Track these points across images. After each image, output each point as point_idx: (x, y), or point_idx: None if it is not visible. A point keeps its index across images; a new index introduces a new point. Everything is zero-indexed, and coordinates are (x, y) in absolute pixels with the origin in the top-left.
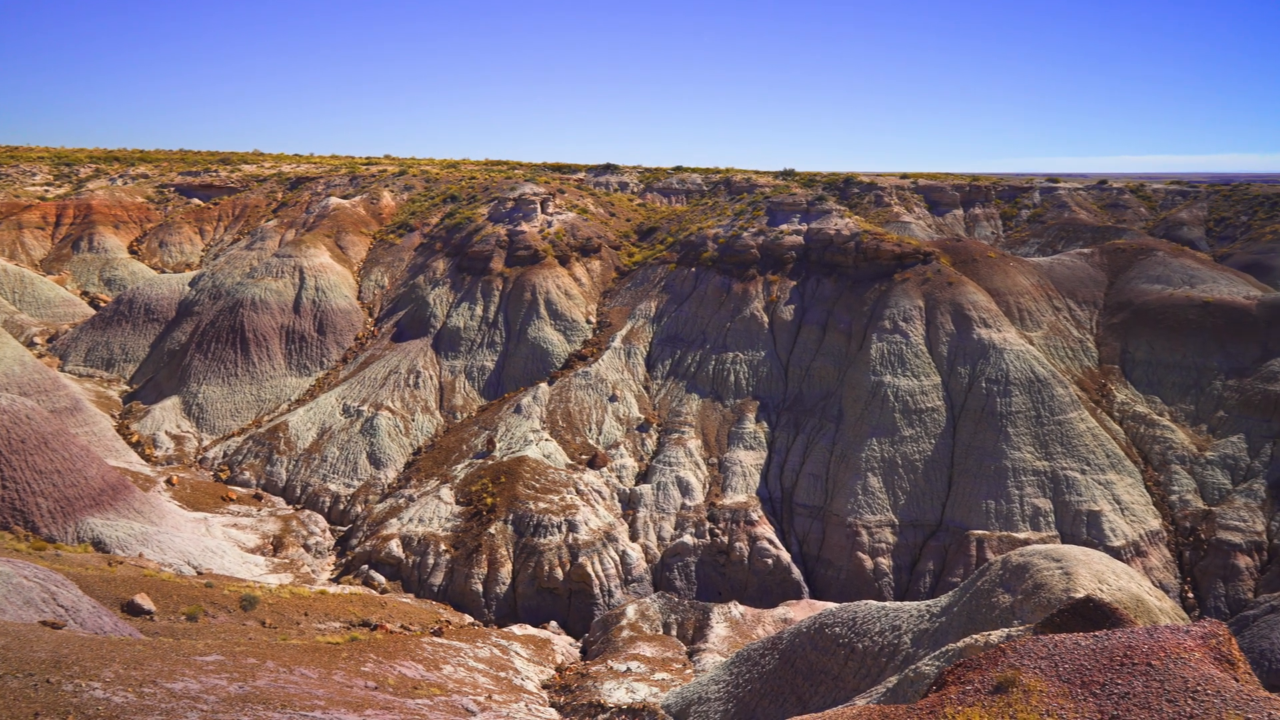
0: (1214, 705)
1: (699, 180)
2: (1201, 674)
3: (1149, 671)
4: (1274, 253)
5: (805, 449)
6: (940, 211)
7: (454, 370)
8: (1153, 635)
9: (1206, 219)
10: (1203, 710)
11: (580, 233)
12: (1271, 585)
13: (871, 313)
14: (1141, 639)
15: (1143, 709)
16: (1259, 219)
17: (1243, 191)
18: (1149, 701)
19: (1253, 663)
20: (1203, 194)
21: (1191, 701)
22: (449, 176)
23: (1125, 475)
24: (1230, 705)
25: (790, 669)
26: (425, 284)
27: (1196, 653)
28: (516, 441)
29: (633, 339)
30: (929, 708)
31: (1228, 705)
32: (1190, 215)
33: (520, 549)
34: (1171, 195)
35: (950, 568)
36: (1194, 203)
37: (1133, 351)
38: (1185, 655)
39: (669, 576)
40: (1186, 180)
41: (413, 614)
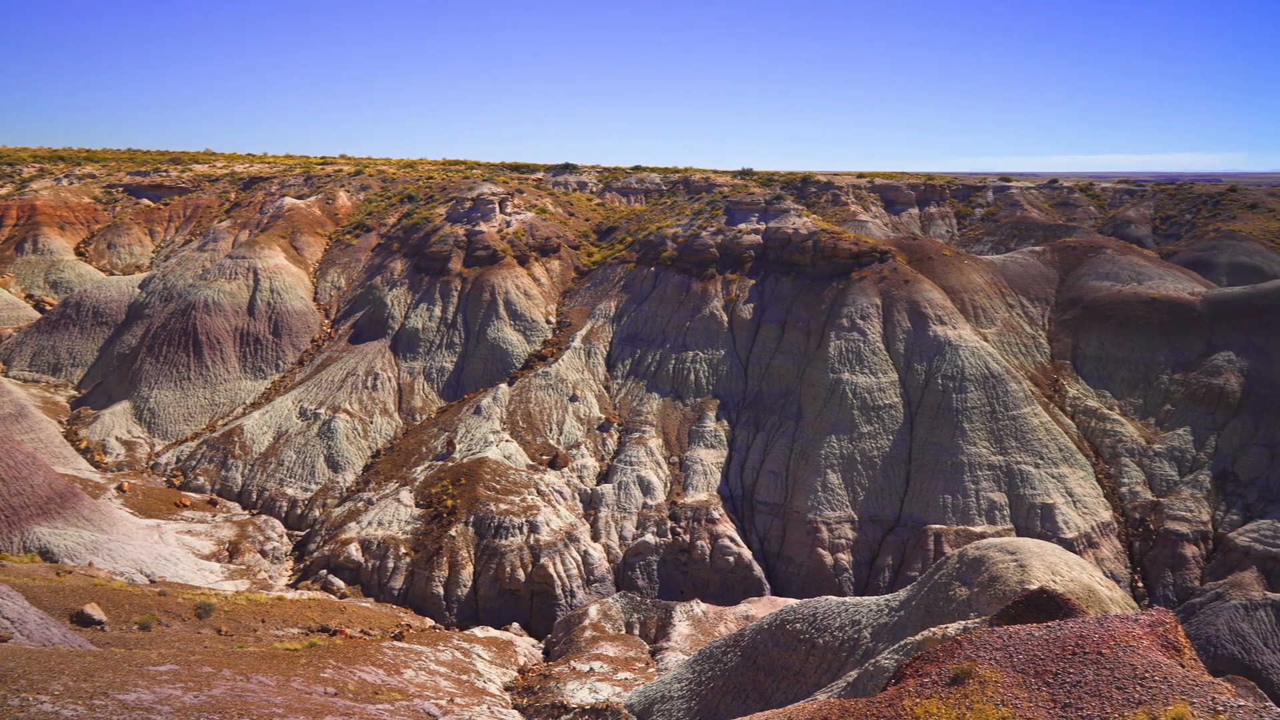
0: (1161, 691)
1: (658, 180)
2: (1149, 661)
3: (1100, 660)
4: (1217, 250)
5: (765, 447)
6: (896, 210)
7: (413, 372)
8: (1103, 624)
9: (1153, 217)
10: (1150, 696)
11: (539, 232)
12: (1216, 573)
13: (829, 311)
14: (1092, 628)
15: (1094, 697)
16: (1202, 217)
17: (1187, 190)
18: (1100, 689)
19: (1199, 648)
20: (1149, 193)
21: (1140, 688)
22: (406, 176)
23: (1077, 468)
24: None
25: (752, 665)
26: (383, 285)
27: (1145, 641)
28: (477, 443)
29: (593, 339)
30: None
31: (1174, 691)
32: (1137, 214)
33: (481, 551)
34: (1119, 194)
35: (909, 562)
36: (1141, 201)
37: (1083, 347)
38: (1134, 643)
39: (631, 576)
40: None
41: (373, 618)
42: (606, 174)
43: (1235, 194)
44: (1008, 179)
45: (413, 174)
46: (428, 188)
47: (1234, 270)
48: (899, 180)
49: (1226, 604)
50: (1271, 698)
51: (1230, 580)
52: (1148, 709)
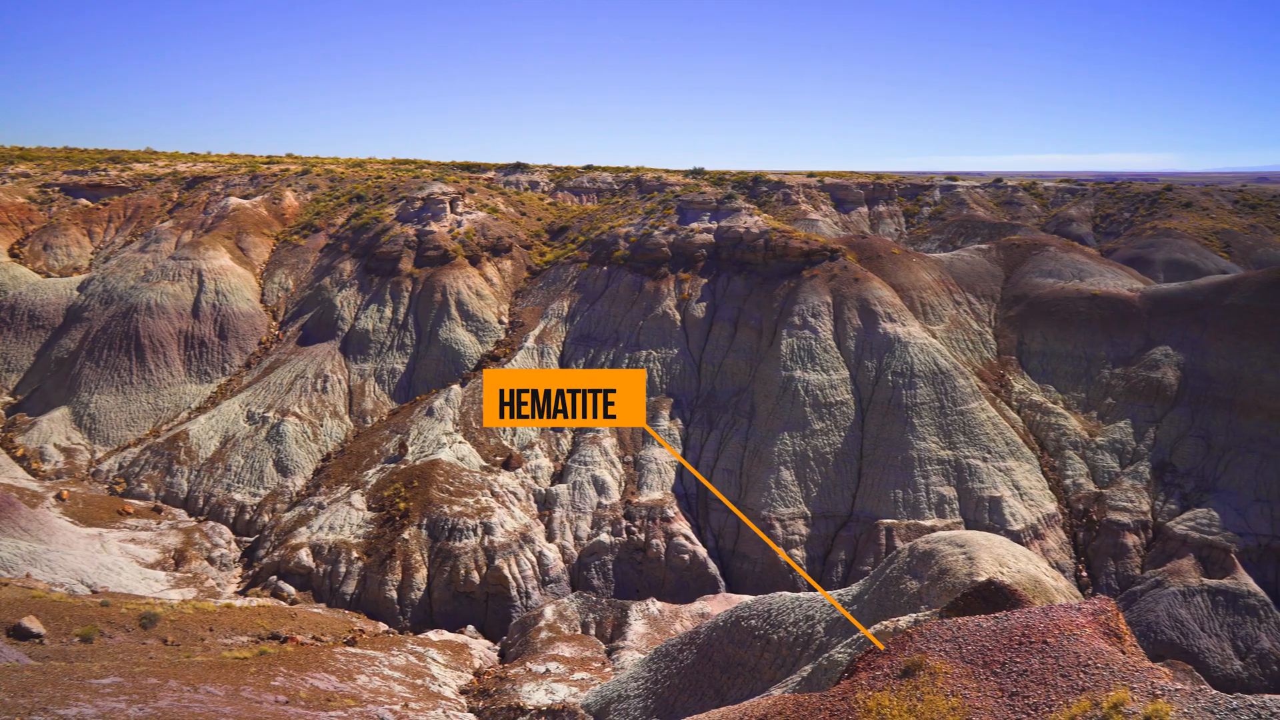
0: (1103, 677)
1: (610, 179)
2: (1092, 649)
3: (1045, 649)
4: (1154, 247)
5: (719, 444)
6: (846, 209)
7: (363, 373)
8: (1048, 614)
9: (1093, 216)
10: (1093, 683)
11: (491, 232)
12: (1156, 561)
13: (781, 309)
14: (1038, 618)
15: (1039, 685)
16: (1140, 215)
17: (1125, 189)
18: (1045, 677)
19: (1140, 634)
20: (1090, 192)
21: (1083, 675)
22: (355, 176)
23: (1023, 462)
24: (1118, 677)
25: (708, 663)
26: (332, 286)
27: (1088, 629)
28: (429, 445)
29: (546, 338)
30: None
31: (1115, 677)
32: (1079, 212)
33: (435, 553)
34: (1061, 193)
35: (861, 557)
36: (1082, 200)
37: (1028, 343)
38: (1078, 632)
39: (586, 576)
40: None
41: (325, 624)
42: (558, 173)
43: (1171, 193)
44: (954, 178)
45: (361, 173)
46: (377, 187)
47: (1170, 267)
48: (848, 179)
49: (1165, 591)
50: (1208, 680)
51: (1169, 568)
52: (1090, 695)
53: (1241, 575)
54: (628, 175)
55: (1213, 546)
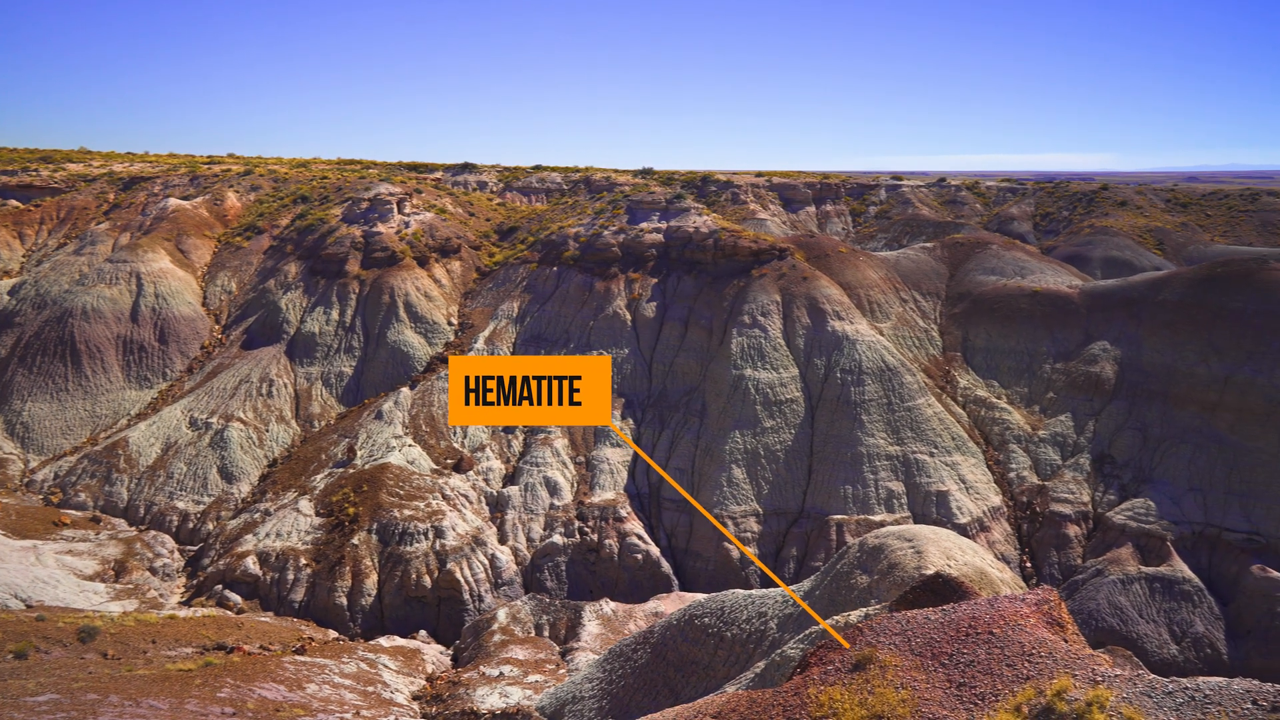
0: (1047, 666)
1: (559, 179)
2: (1036, 638)
3: (991, 639)
4: (1092, 245)
5: (671, 444)
6: (794, 208)
7: (310, 377)
8: (994, 605)
9: (1034, 214)
10: (1037, 671)
11: (439, 233)
12: (1096, 551)
13: (731, 308)
14: (984, 609)
15: (986, 675)
16: (1078, 214)
17: (1064, 189)
18: (991, 667)
19: (1081, 622)
20: (1030, 191)
21: (1028, 664)
22: (299, 176)
23: (969, 456)
24: (1060, 665)
25: (662, 662)
26: (276, 288)
27: (1032, 619)
28: (378, 448)
29: (496, 340)
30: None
31: (1058, 665)
32: (1020, 211)
33: (386, 558)
34: (1003, 192)
35: (812, 552)
36: (1023, 199)
37: (972, 339)
38: (1022, 622)
39: (540, 578)
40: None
41: (272, 633)
42: (507, 173)
43: (1107, 192)
44: (899, 178)
45: (306, 174)
46: (322, 188)
47: (1107, 264)
48: (796, 179)
49: (1106, 579)
50: (1146, 664)
51: (1109, 557)
52: (1035, 683)
53: (1177, 562)
54: (577, 175)
55: (1149, 535)
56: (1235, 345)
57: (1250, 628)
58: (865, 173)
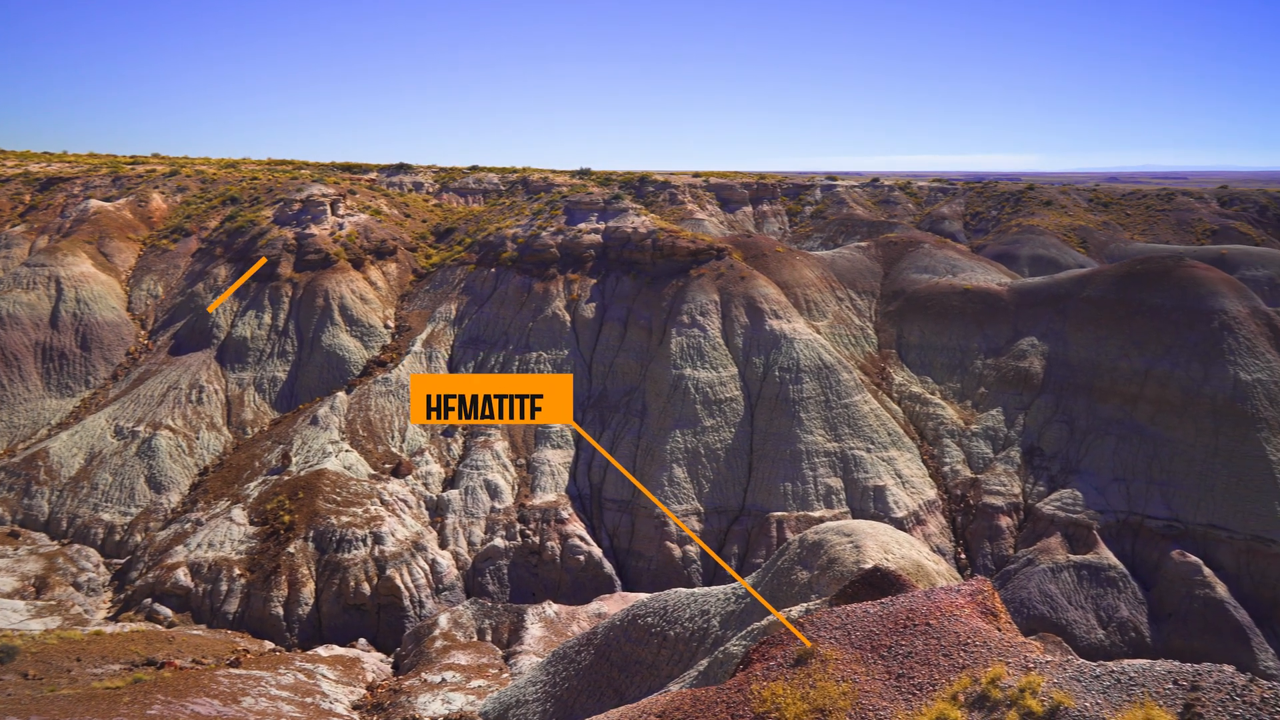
0: (982, 654)
1: (496, 180)
2: (971, 628)
3: (928, 630)
4: (1019, 243)
5: (612, 444)
6: (731, 209)
7: (242, 383)
8: (930, 597)
9: (964, 213)
10: (973, 660)
11: (374, 235)
12: (1028, 541)
13: (670, 308)
14: (921, 601)
15: (923, 665)
16: (1006, 213)
17: (992, 189)
18: (929, 658)
19: (1014, 611)
20: (960, 191)
21: (964, 654)
22: (228, 177)
23: (905, 451)
24: (994, 653)
25: (606, 662)
26: (205, 292)
27: (967, 609)
28: (314, 454)
29: (434, 342)
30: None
31: (992, 653)
32: (950, 210)
33: (323, 566)
34: (934, 192)
35: (754, 549)
36: (953, 199)
37: (907, 336)
38: (957, 612)
39: (481, 582)
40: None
41: (205, 646)
42: (443, 174)
43: (1033, 192)
44: (834, 178)
45: (235, 174)
46: (252, 189)
47: (1034, 262)
48: (733, 179)
49: (1036, 568)
50: (1075, 649)
51: (1039, 547)
52: (970, 672)
53: (1103, 550)
54: (514, 176)
55: (1077, 525)
56: (1154, 340)
57: (1171, 610)
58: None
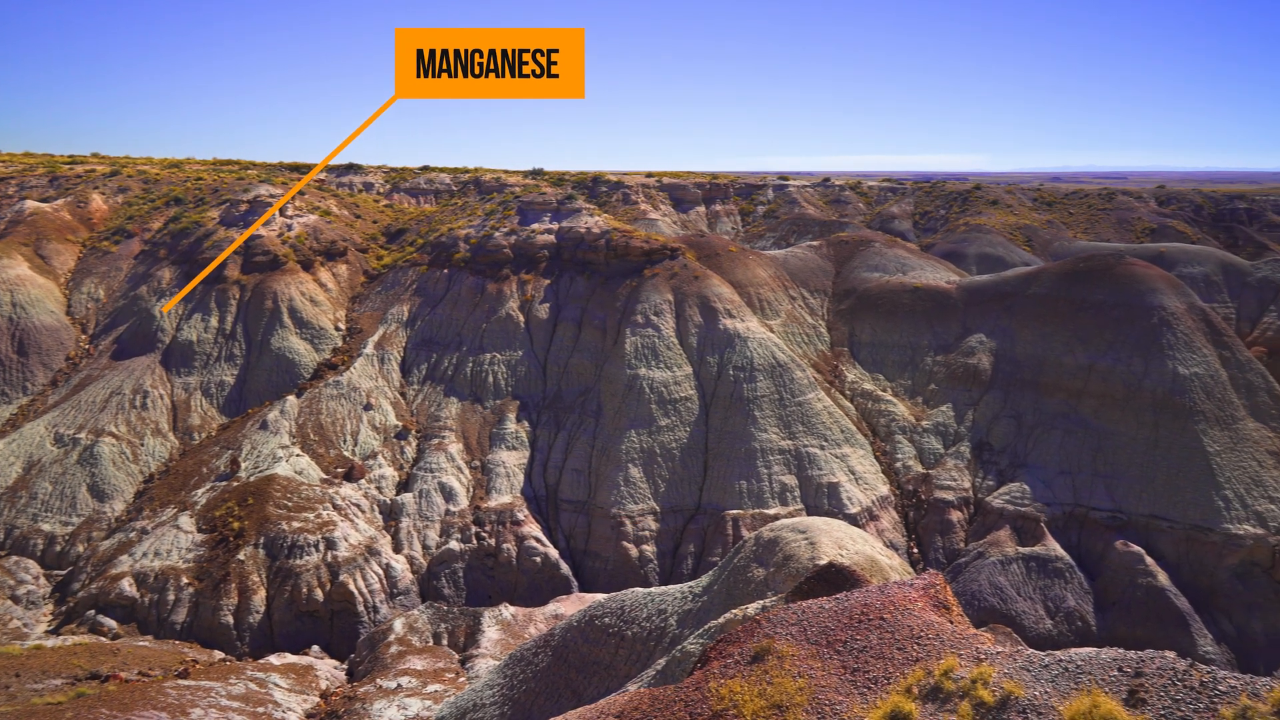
0: (935, 647)
1: (448, 180)
2: (924, 621)
3: (882, 625)
4: (967, 242)
5: (567, 445)
6: (684, 208)
7: (188, 387)
8: (884, 592)
9: (913, 213)
10: (926, 653)
11: (324, 236)
12: (978, 534)
13: (624, 308)
14: (875, 596)
15: (878, 659)
16: (954, 212)
17: (941, 188)
18: (883, 652)
19: (965, 603)
20: (909, 190)
21: (917, 647)
22: (171, 177)
23: (858, 448)
24: (947, 646)
25: (564, 664)
26: (149, 295)
27: (920, 603)
28: (264, 459)
29: (386, 344)
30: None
31: (945, 646)
32: (900, 210)
33: (274, 573)
34: (884, 192)
35: (710, 548)
36: (902, 198)
37: (858, 334)
38: (911, 606)
39: (437, 585)
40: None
41: (152, 657)
42: (394, 174)
43: (980, 191)
44: (786, 178)
45: (179, 174)
46: (197, 189)
47: (982, 260)
48: (686, 179)
49: (986, 561)
50: (1025, 639)
51: (989, 539)
52: (924, 665)
53: (1050, 542)
54: (466, 176)
55: (1025, 517)
56: (1097, 335)
57: (1115, 599)
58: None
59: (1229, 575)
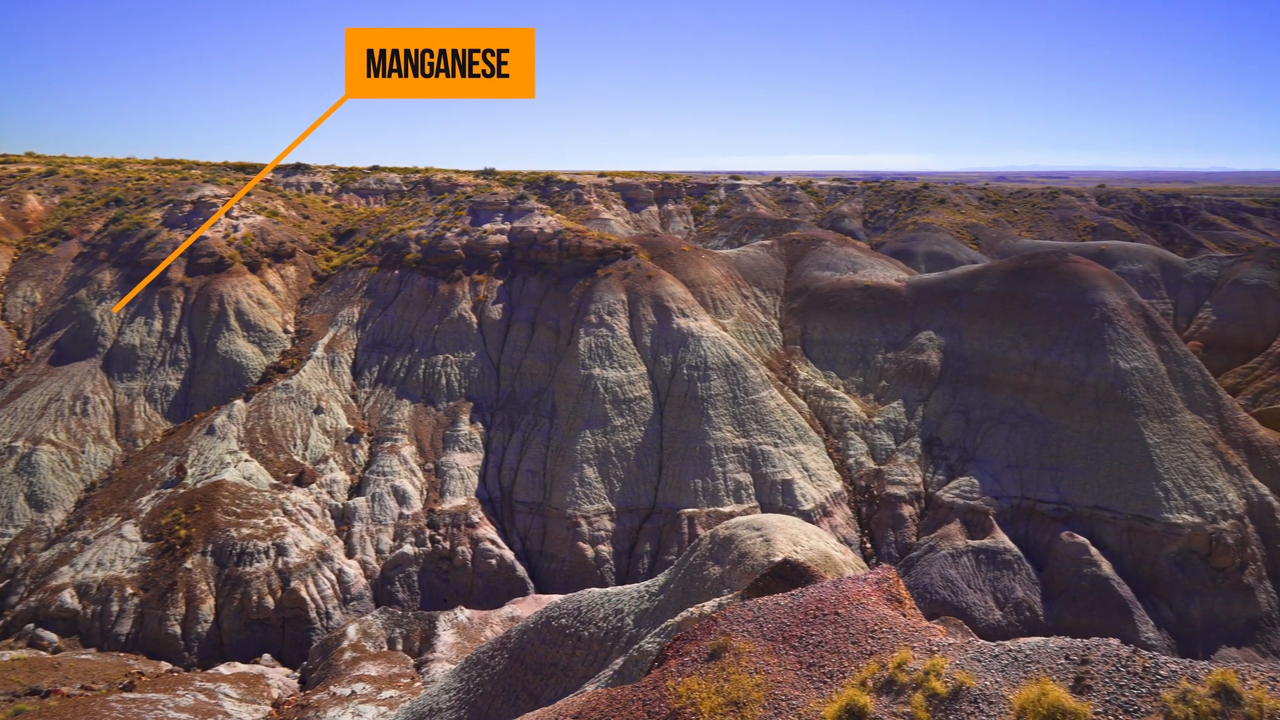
0: (888, 641)
1: (398, 180)
2: (878, 615)
3: (837, 619)
4: (915, 240)
5: (521, 446)
6: (637, 208)
7: (131, 393)
8: (838, 587)
9: (863, 212)
10: (880, 647)
11: (271, 237)
12: (929, 528)
13: (578, 308)
14: (830, 591)
15: (833, 654)
16: (903, 211)
17: (889, 188)
18: (838, 646)
19: (917, 596)
20: (859, 190)
21: (871, 640)
22: (111, 177)
23: (811, 445)
24: (900, 638)
25: (521, 666)
26: (89, 298)
27: (873, 597)
28: (211, 465)
29: (336, 347)
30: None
31: (898, 639)
32: (850, 209)
33: (223, 581)
34: (834, 191)
35: (665, 547)
36: (852, 198)
37: (810, 332)
38: (864, 600)
39: (391, 590)
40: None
41: (96, 671)
42: (343, 174)
43: (927, 191)
44: (738, 178)
45: (119, 174)
46: (139, 189)
47: (930, 258)
48: (638, 179)
49: (937, 554)
50: (975, 631)
51: (939, 533)
52: (878, 658)
53: (998, 534)
54: (416, 176)
55: (974, 511)
56: (1042, 332)
57: (1061, 589)
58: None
59: (1169, 563)
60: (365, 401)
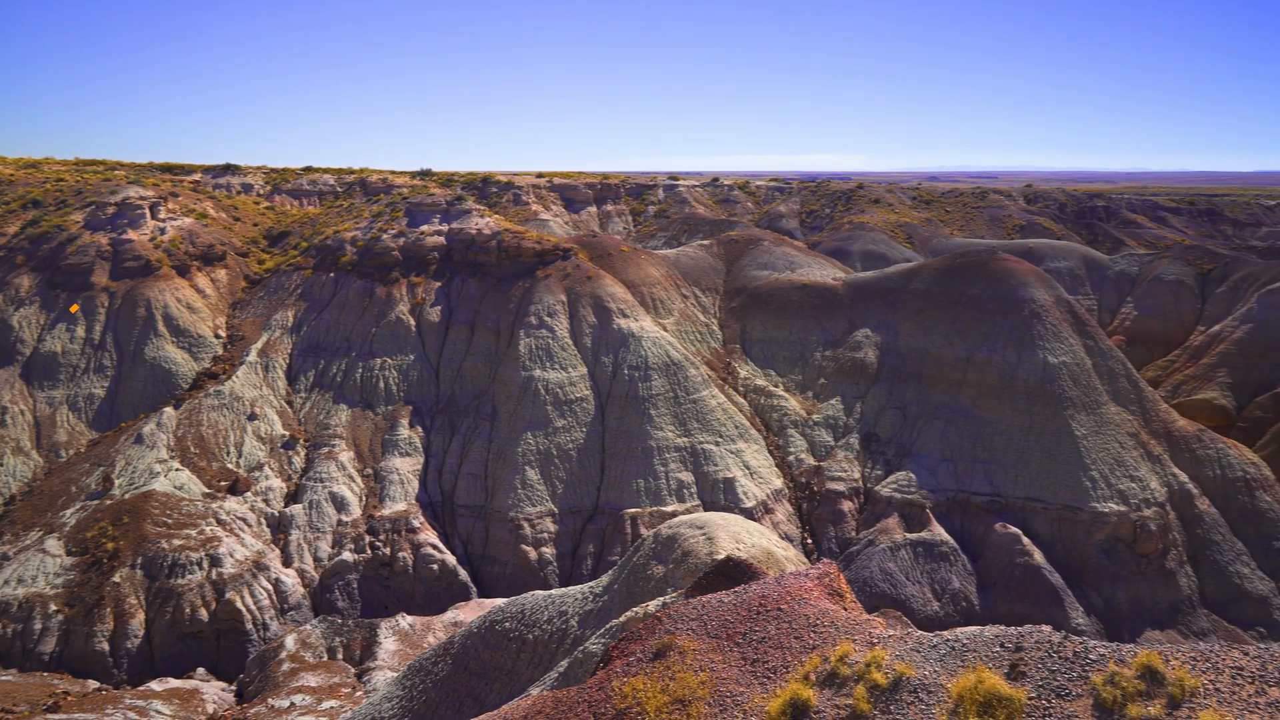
0: (830, 634)
1: (332, 181)
2: (819, 610)
3: (780, 615)
4: (851, 239)
5: (462, 449)
6: (576, 209)
7: (53, 402)
8: (781, 583)
9: (800, 211)
10: (822, 640)
11: (201, 239)
12: (868, 523)
13: (517, 310)
14: (772, 588)
15: (777, 649)
16: (839, 211)
17: (825, 188)
18: (781, 641)
19: (858, 590)
20: (795, 190)
21: (813, 635)
22: (28, 179)
23: (752, 443)
24: (842, 632)
25: (465, 671)
26: (6, 304)
27: (815, 592)
28: (140, 475)
29: (270, 351)
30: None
31: (840, 632)
32: (787, 208)
33: (154, 594)
34: (771, 191)
35: (609, 548)
36: (789, 198)
37: (750, 331)
38: (806, 595)
39: (330, 598)
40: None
41: (17, 692)
42: (274, 175)
43: (862, 191)
44: (676, 178)
45: (37, 175)
46: (58, 191)
47: (866, 257)
48: (577, 180)
49: (877, 548)
50: (914, 622)
51: (878, 528)
52: (820, 652)
53: (935, 527)
54: (351, 177)
55: (912, 505)
56: (974, 328)
57: (996, 579)
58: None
59: (1096, 550)
60: (301, 407)
